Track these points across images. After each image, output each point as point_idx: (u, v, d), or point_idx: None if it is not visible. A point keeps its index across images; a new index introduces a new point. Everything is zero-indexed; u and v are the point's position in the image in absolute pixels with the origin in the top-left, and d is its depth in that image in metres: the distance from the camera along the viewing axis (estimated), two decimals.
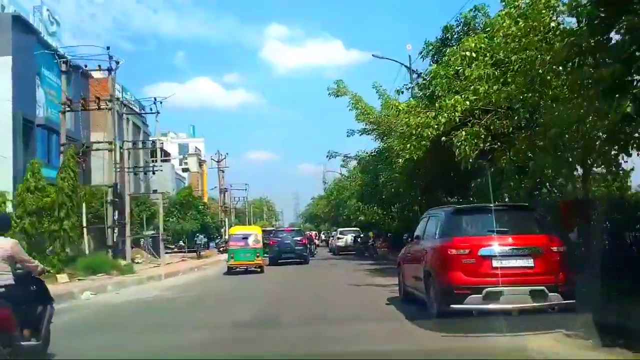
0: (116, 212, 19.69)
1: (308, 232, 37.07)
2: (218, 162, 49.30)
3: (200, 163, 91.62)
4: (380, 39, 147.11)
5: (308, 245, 28.89)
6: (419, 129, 11.96)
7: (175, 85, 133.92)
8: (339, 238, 32.34)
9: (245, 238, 20.32)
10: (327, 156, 26.16)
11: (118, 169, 27.79)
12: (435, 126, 11.62)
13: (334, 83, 24.29)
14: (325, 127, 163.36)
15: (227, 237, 48.06)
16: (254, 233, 21.14)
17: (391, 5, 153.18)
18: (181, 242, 39.41)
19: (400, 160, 14.70)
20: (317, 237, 46.22)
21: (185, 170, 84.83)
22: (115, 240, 19.73)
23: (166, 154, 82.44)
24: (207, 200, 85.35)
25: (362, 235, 30.21)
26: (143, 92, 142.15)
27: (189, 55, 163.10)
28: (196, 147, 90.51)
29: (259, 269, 19.90)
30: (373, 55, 25.04)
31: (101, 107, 20.71)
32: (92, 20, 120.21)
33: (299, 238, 26.05)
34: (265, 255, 25.03)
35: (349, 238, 31.69)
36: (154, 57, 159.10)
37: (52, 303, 6.08)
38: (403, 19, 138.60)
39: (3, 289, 5.32)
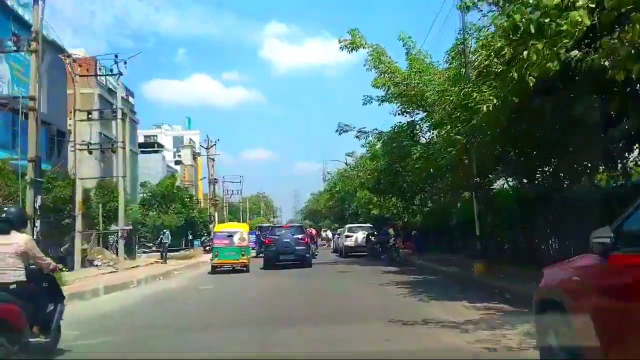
0: (38, 198, 13.43)
1: (309, 229, 30.76)
2: (207, 148, 42.91)
3: (195, 156, 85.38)
4: (378, 38, 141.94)
5: (311, 245, 22.93)
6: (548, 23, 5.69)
7: (174, 82, 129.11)
8: (347, 236, 25.98)
9: (230, 236, 19.18)
10: (337, 131, 19.88)
11: (72, 148, 21.78)
12: (592, 5, 5.42)
13: (347, 32, 18.20)
14: (325, 125, 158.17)
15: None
16: (240, 231, 19.91)
17: (390, 4, 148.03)
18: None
19: (490, 104, 8.51)
20: (318, 235, 39.91)
21: (177, 162, 78.55)
22: (36, 236, 13.42)
23: (159, 145, 76.58)
24: (201, 196, 79.31)
25: (375, 233, 23.95)
26: (139, 89, 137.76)
27: (188, 52, 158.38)
28: (190, 139, 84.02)
29: (244, 268, 18.62)
30: None
31: (21, 49, 14.31)
32: (92, 17, 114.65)
33: (300, 236, 20.47)
34: (260, 255, 21.47)
35: (359, 236, 25.37)
36: (153, 54, 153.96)
37: (63, 300, 6.05)
38: (402, 18, 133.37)
39: (15, 285, 5.16)
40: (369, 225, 26.74)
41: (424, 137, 19.73)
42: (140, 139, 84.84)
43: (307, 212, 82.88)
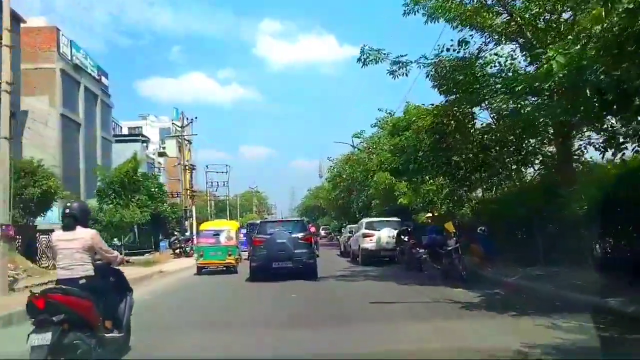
0: None
1: (309, 225, 23.01)
2: (181, 127, 34.60)
3: (181, 147, 77.06)
4: (373, 35, 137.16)
5: (315, 247, 16.30)
6: None
7: (169, 80, 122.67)
8: (365, 235, 17.83)
9: (216, 234, 17.55)
10: (361, 59, 11.82)
11: None
12: None
13: None
14: (322, 121, 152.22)
15: (189, 233, 33.87)
16: (227, 229, 18.22)
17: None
18: (116, 241, 25.06)
19: None
20: (316, 233, 31.93)
21: (162, 154, 69.98)
22: None
23: (143, 136, 68.28)
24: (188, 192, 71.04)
25: (410, 230, 15.88)
26: (134, 87, 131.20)
27: (183, 50, 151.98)
28: (176, 128, 75.16)
29: (232, 269, 16.63)
30: None
31: None
32: (86, 14, 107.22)
33: (300, 235, 14.14)
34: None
35: (384, 235, 17.14)
36: (148, 51, 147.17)
37: (131, 293, 5.84)
38: (397, 16, 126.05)
39: (84, 280, 5.04)
40: (395, 219, 18.61)
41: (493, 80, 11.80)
42: (125, 131, 76.64)
43: (304, 208, 74.96)
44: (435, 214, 20.47)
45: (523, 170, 14.23)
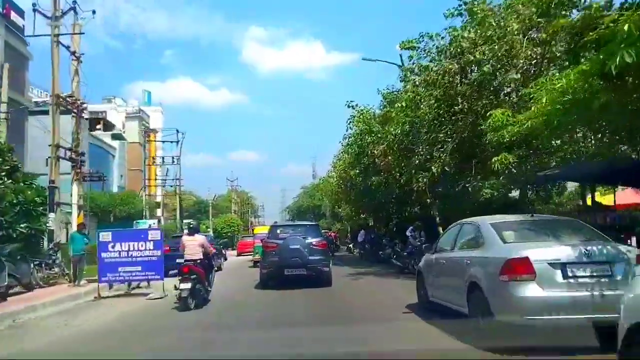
0: None
1: (329, 232, 13.70)
2: (54, 17, 17.06)
3: (147, 132, 60.16)
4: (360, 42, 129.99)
5: (330, 253, 13.65)
6: None
7: (157, 84, 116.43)
8: None
9: None
10: None
11: None
12: None
13: None
14: (313, 128, 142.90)
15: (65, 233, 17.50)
16: None
17: (374, 5, 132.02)
18: None
19: None
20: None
21: (117, 137, 52.58)
22: None
23: (111, 123, 52.46)
24: (154, 187, 54.46)
25: None
26: (128, 90, 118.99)
27: (174, 55, 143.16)
28: (140, 109, 58.18)
29: None
30: None
31: None
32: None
33: (314, 240, 12.45)
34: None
35: None
36: (140, 56, 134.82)
37: (214, 269, 10.97)
38: (389, 22, 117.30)
39: (199, 260, 9.66)
40: None
41: None
42: (86, 116, 59.14)
43: (296, 210, 58.52)
44: None
45: None
